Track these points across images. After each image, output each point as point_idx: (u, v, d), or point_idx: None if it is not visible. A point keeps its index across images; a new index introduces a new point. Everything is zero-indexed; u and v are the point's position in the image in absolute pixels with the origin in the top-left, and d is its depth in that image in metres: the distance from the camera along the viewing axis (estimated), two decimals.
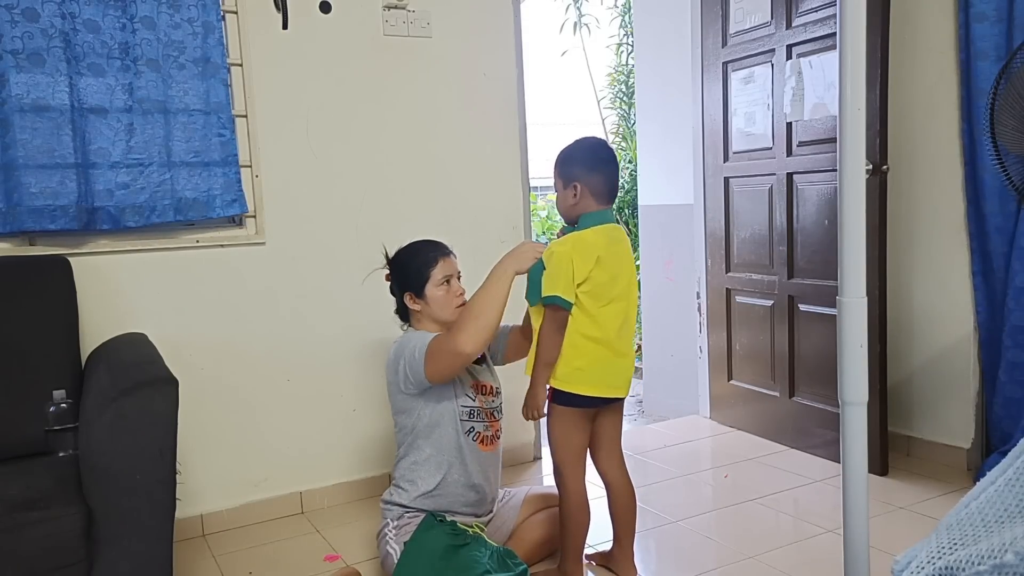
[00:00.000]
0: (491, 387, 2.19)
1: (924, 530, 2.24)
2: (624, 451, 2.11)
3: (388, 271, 2.18)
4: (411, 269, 2.11)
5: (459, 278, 2.14)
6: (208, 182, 2.43)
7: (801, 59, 2.90)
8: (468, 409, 2.10)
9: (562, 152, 2.01)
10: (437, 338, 1.98)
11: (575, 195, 1.95)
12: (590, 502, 2.04)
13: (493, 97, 2.93)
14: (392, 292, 2.17)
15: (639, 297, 4.14)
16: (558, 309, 1.90)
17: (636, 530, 2.13)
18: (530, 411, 1.99)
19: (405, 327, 2.17)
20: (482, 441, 2.12)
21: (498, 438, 2.18)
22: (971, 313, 2.71)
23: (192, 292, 2.49)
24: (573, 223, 1.99)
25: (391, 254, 2.18)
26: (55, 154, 2.22)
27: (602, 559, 2.17)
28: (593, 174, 1.96)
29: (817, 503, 2.56)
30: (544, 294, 1.90)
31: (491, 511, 2.22)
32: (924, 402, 2.90)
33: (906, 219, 2.87)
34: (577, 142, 2.02)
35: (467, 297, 2.11)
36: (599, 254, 1.90)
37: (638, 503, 2.10)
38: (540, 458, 3.13)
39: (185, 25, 2.35)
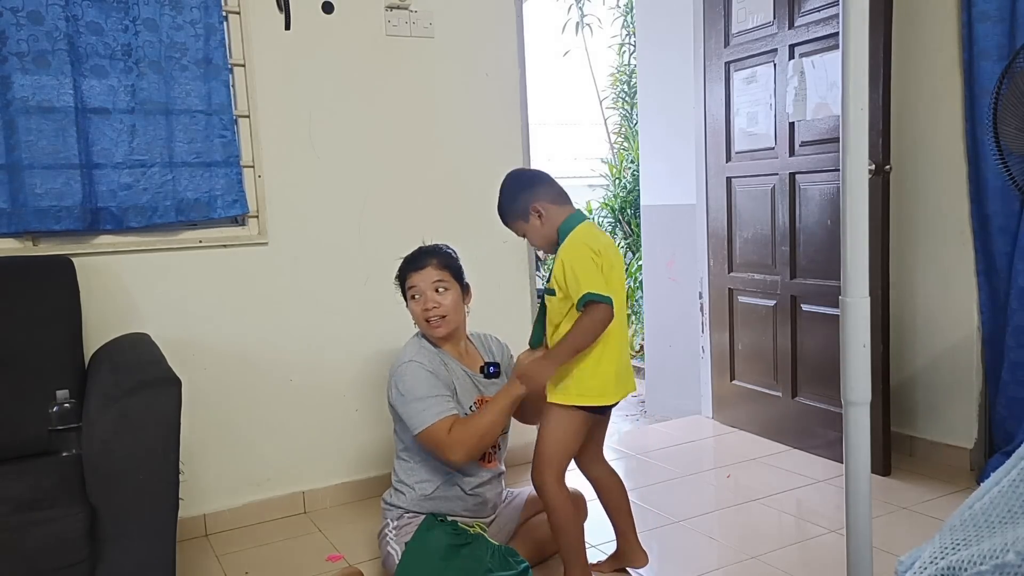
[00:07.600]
0: None
1: (927, 530, 2.24)
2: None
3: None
4: (399, 278, 2.13)
5: (439, 289, 2.05)
6: (210, 183, 2.43)
7: (804, 59, 2.90)
8: None
9: (499, 206, 2.02)
10: (435, 432, 1.94)
11: (540, 216, 1.94)
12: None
13: (495, 97, 2.93)
14: None
15: (641, 297, 4.15)
16: (599, 305, 1.80)
17: (638, 530, 2.13)
18: (530, 381, 1.89)
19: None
20: (482, 458, 2.09)
21: (500, 451, 2.16)
22: (974, 313, 2.70)
23: (195, 292, 2.49)
24: (556, 247, 1.95)
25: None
26: (59, 155, 2.23)
27: (610, 564, 2.14)
28: (537, 188, 1.96)
29: (820, 503, 2.56)
30: (577, 296, 1.81)
31: (493, 514, 2.21)
32: (927, 402, 2.89)
33: (909, 219, 2.87)
34: (501, 191, 2.03)
35: (444, 311, 2.03)
36: (597, 247, 1.88)
37: (640, 503, 2.10)
38: None
39: (187, 27, 2.36)
